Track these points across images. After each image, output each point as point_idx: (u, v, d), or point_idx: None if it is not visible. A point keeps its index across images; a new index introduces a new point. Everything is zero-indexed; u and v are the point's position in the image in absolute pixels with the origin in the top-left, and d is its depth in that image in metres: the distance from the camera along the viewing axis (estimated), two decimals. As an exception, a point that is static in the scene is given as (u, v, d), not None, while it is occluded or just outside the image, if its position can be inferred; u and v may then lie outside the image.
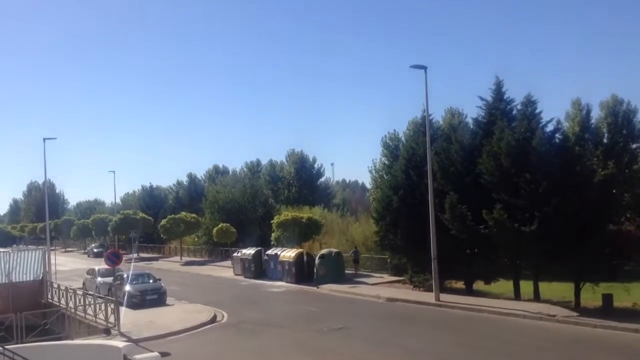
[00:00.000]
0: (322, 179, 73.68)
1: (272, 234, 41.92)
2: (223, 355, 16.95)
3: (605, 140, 44.26)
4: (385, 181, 33.58)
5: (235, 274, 39.11)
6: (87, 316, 22.45)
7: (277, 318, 22.35)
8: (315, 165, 72.13)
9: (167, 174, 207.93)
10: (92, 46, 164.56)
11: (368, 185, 69.30)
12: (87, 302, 23.13)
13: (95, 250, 67.92)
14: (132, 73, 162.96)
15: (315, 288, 30.69)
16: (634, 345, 15.61)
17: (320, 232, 42.47)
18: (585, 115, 44.48)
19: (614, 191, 26.17)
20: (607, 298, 20.22)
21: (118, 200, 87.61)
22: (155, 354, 10.16)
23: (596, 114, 45.20)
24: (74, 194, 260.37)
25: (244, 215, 56.55)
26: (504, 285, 26.20)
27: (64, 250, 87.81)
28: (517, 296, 24.38)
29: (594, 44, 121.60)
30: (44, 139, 40.10)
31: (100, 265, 31.98)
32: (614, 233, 22.82)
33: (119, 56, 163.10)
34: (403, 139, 47.20)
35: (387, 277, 32.55)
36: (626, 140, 43.48)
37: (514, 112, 25.60)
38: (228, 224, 51.89)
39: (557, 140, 24.11)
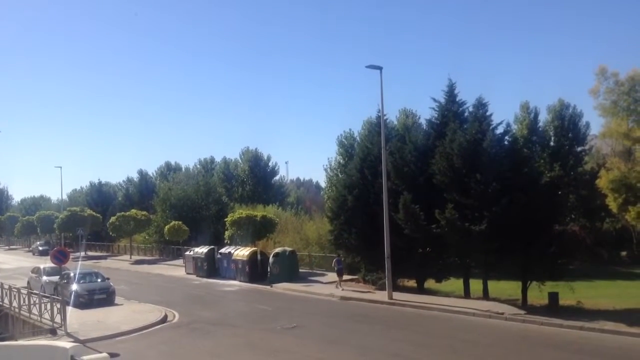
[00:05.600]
0: (277, 177, 73.59)
1: (226, 232, 41.55)
2: (174, 356, 16.63)
3: (552, 143, 45.83)
4: (340, 180, 33.76)
5: (187, 273, 38.55)
6: (32, 316, 21.69)
7: (229, 317, 22.13)
8: (270, 164, 71.94)
9: (117, 171, 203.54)
10: (37, 36, 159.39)
11: (322, 184, 69.73)
12: (32, 302, 22.33)
13: (40, 248, 65.89)
14: (80, 64, 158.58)
15: (268, 287, 30.55)
16: (578, 341, 16.14)
17: (275, 230, 42.35)
18: (533, 119, 45.97)
19: (559, 192, 27.08)
20: (553, 296, 20.91)
21: (65, 197, 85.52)
22: (104, 354, 9.86)
23: (543, 118, 46.76)
24: (19, 190, 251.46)
25: (196, 213, 55.86)
26: (455, 284, 26.77)
27: (7, 247, 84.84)
28: (466, 294, 24.92)
29: (542, 47, 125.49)
30: (-13, 132, 38.70)
31: (46, 263, 30.96)
32: (559, 233, 23.63)
33: (66, 47, 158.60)
34: (358, 138, 47.59)
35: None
36: (572, 144, 45.13)
37: (466, 114, 26.15)
38: (180, 222, 51.14)
39: (507, 142, 24.82)
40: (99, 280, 27.17)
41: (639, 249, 41.38)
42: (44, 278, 29.01)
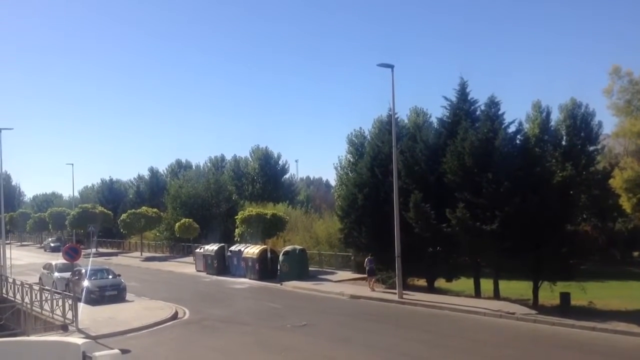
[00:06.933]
0: (287, 176, 73.57)
1: (236, 230, 41.58)
2: (184, 353, 16.68)
3: (563, 142, 45.41)
4: (351, 179, 33.72)
5: (198, 270, 38.68)
6: (43, 312, 21.82)
7: (240, 315, 22.17)
8: (280, 162, 71.92)
9: (128, 168, 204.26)
10: (49, 33, 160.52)
11: (332, 183, 69.65)
12: (43, 298, 22.47)
13: (52, 244, 66.38)
14: (91, 62, 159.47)
15: (278, 285, 30.58)
16: (591, 342, 16.01)
17: (285, 228, 42.35)
18: (545, 118, 45.55)
19: (571, 192, 26.85)
20: (565, 296, 20.74)
21: (76, 194, 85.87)
22: (116, 351, 9.87)
23: (555, 117, 46.34)
24: (31, 187, 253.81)
25: (207, 211, 55.95)
26: (465, 283, 26.65)
27: (19, 244, 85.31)
28: (477, 294, 24.79)
29: (555, 45, 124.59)
30: (0, 129, 38.98)
31: (58, 259, 31.19)
32: (571, 233, 23.45)
33: (78, 44, 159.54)
34: (368, 136, 47.46)
35: (351, 275, 32.65)
36: (584, 143, 44.67)
37: (478, 112, 25.99)
38: (190, 220, 51.25)
39: (519, 142, 24.62)
40: (110, 276, 27.31)
41: (651, 250, 41.01)
42: (56, 274, 29.24)
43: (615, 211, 36.92)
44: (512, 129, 24.38)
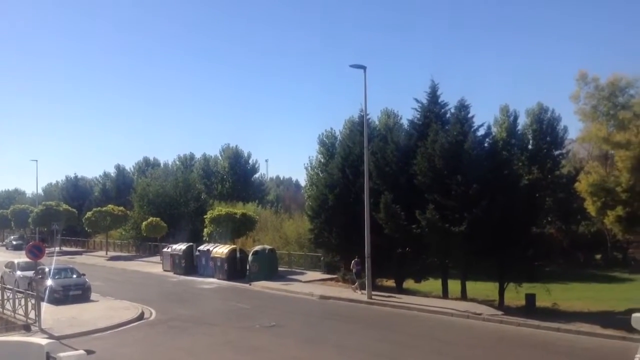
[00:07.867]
0: (257, 175, 73.28)
1: (205, 230, 41.20)
2: (150, 354, 16.41)
3: (530, 146, 46.42)
4: (321, 179, 33.75)
5: (165, 270, 38.16)
6: (5, 311, 21.25)
7: (207, 315, 21.93)
8: (250, 161, 71.62)
9: (94, 165, 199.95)
10: (10, 29, 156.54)
11: (302, 183, 69.64)
12: (5, 297, 21.86)
13: (14, 242, 64.90)
14: (55, 55, 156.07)
15: (247, 285, 30.39)
16: (556, 343, 16.33)
17: (254, 228, 42.16)
18: (513, 122, 46.49)
19: (537, 195, 27.39)
20: (530, 298, 21.12)
21: (40, 191, 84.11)
22: (81, 352, 9.61)
23: (522, 121, 47.32)
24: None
25: (175, 210, 55.28)
26: (433, 284, 26.90)
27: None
28: (445, 295, 25.06)
29: (524, 50, 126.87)
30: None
31: (20, 258, 30.39)
32: (537, 236, 23.90)
33: (44, 39, 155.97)
34: (339, 137, 47.61)
35: (320, 275, 32.64)
36: (549, 147, 45.77)
37: (448, 115, 26.28)
38: (158, 218, 50.51)
39: (487, 145, 24.97)
40: (74, 276, 26.73)
41: (613, 253, 42.10)
42: (18, 273, 28.48)
43: (579, 214, 37.84)
44: (481, 132, 24.76)
